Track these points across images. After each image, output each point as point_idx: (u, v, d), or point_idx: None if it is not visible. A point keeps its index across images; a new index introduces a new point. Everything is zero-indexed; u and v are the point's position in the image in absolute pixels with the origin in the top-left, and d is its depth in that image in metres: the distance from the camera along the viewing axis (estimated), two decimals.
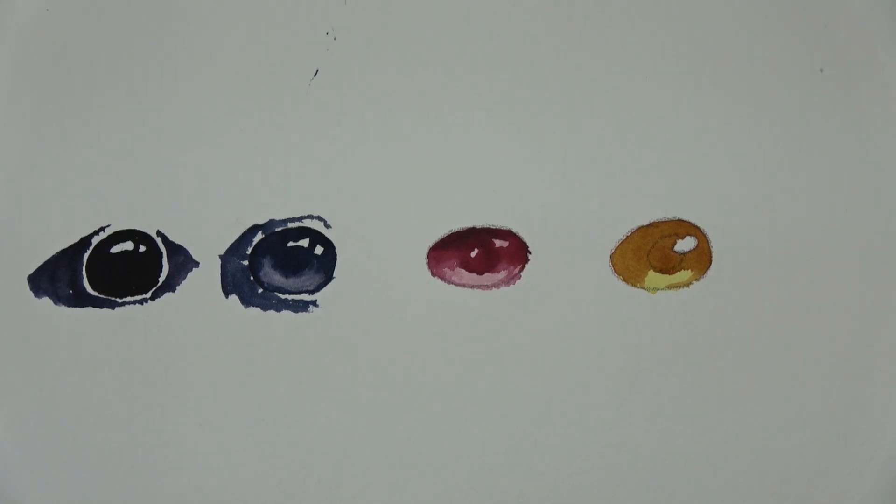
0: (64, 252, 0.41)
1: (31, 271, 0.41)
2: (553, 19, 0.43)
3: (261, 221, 0.42)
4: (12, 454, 0.41)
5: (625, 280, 0.42)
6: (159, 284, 0.41)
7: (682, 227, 0.42)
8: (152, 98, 0.42)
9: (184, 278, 0.41)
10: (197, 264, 0.41)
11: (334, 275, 0.42)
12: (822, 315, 0.42)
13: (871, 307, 0.42)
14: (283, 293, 0.41)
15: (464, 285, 0.42)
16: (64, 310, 0.41)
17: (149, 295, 0.41)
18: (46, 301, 0.41)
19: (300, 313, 0.41)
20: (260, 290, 0.41)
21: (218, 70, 0.42)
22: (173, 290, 0.41)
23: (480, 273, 0.42)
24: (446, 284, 0.42)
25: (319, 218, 0.42)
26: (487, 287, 0.42)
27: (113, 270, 0.41)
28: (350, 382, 0.41)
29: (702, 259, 0.42)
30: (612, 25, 0.43)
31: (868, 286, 0.42)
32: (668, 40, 0.43)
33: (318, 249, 0.42)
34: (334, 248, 0.42)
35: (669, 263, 0.42)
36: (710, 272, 0.42)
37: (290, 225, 0.42)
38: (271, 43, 0.42)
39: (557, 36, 0.43)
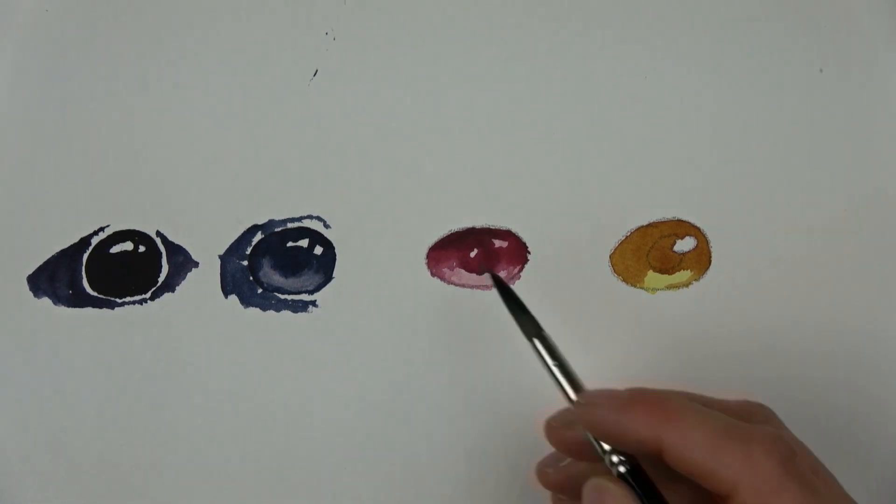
0: (63, 252, 0.41)
1: (30, 271, 0.41)
2: (553, 19, 0.43)
3: (260, 221, 0.42)
4: (12, 454, 0.41)
5: (624, 280, 0.42)
6: (159, 285, 0.41)
7: (682, 228, 0.42)
8: (152, 98, 0.42)
9: (183, 278, 0.41)
10: (196, 264, 0.41)
11: (334, 275, 0.42)
12: (821, 315, 0.42)
13: (870, 307, 0.42)
14: (283, 293, 0.41)
15: (463, 285, 0.42)
16: (63, 310, 0.41)
17: (148, 295, 0.41)
18: (46, 301, 0.41)
19: (300, 313, 0.41)
20: (259, 291, 0.41)
21: (217, 70, 0.42)
22: (173, 291, 0.41)
23: (480, 273, 0.42)
24: (446, 285, 0.42)
25: (319, 218, 0.42)
26: (487, 287, 0.42)
27: (112, 271, 0.41)
28: (350, 383, 0.41)
29: (701, 259, 0.42)
30: (611, 25, 0.43)
31: (868, 286, 0.42)
32: (668, 40, 0.43)
33: (318, 250, 0.42)
34: (334, 248, 0.42)
35: (669, 263, 0.42)
36: (710, 272, 0.42)
37: (290, 225, 0.42)
38: (271, 43, 0.42)
39: (557, 35, 0.43)
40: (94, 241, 0.41)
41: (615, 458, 0.31)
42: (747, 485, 0.28)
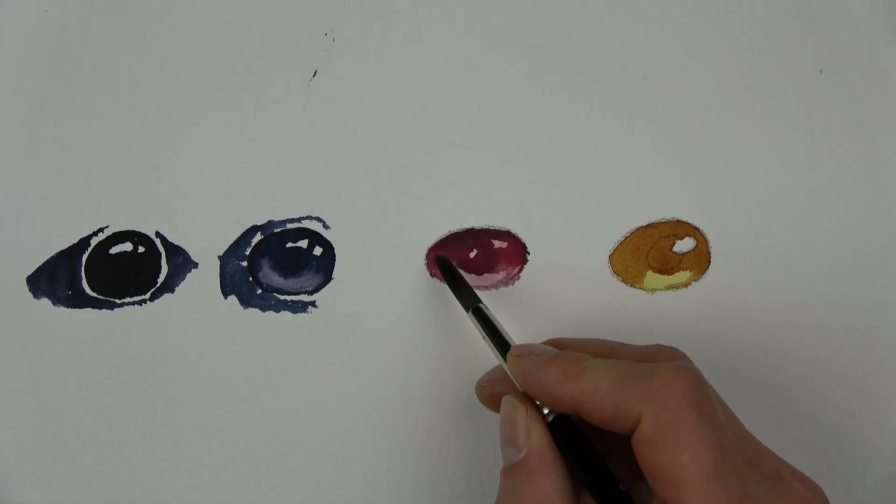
0: (63, 253, 0.41)
1: (30, 272, 0.41)
2: (552, 20, 0.43)
3: (260, 222, 0.42)
4: (12, 454, 0.41)
5: (623, 281, 0.42)
6: (158, 285, 0.41)
7: (681, 228, 0.42)
8: (152, 98, 0.42)
9: (183, 279, 0.41)
10: (196, 265, 0.41)
11: (333, 276, 0.42)
12: (820, 315, 0.42)
13: (870, 307, 0.42)
14: (282, 294, 0.41)
15: None
16: (63, 311, 0.41)
17: (147, 296, 0.41)
18: (45, 302, 0.41)
19: (299, 314, 0.41)
20: (259, 291, 0.41)
21: (217, 71, 0.42)
22: (172, 291, 0.41)
23: (479, 274, 0.42)
24: (445, 285, 0.42)
25: (318, 219, 0.42)
26: (486, 288, 0.42)
27: (112, 271, 0.41)
28: (349, 383, 0.41)
29: (700, 260, 0.42)
30: (610, 26, 0.43)
31: (867, 286, 0.42)
32: (667, 40, 0.43)
33: (317, 250, 0.42)
34: (333, 248, 0.42)
35: (668, 264, 0.42)
36: (709, 273, 0.42)
37: (289, 226, 0.42)
38: (270, 44, 0.42)
39: (556, 36, 0.43)
40: (94, 241, 0.41)
41: (545, 410, 0.33)
42: (649, 415, 0.29)
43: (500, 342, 0.36)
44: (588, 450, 0.31)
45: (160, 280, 0.41)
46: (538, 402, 0.33)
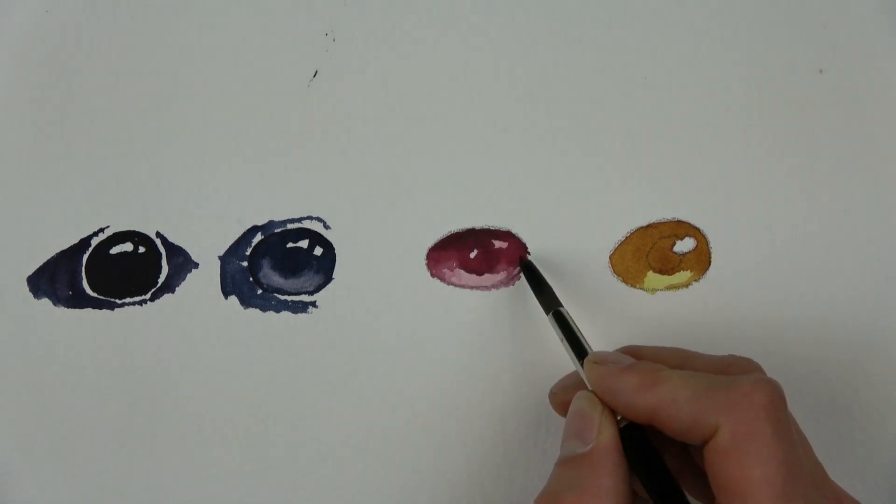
0: (63, 253, 0.41)
1: (30, 272, 0.41)
2: (552, 21, 0.43)
3: (260, 222, 0.42)
4: (12, 454, 0.41)
5: (624, 281, 0.42)
6: (158, 285, 0.41)
7: (682, 228, 0.42)
8: (152, 98, 0.42)
9: (183, 279, 0.41)
10: (196, 265, 0.41)
11: (333, 276, 0.42)
12: (821, 315, 0.42)
13: (870, 308, 0.42)
14: (283, 294, 0.41)
15: (463, 286, 0.42)
16: (63, 311, 0.41)
17: (148, 296, 0.41)
18: (46, 302, 0.41)
19: (299, 314, 0.41)
20: (259, 291, 0.41)
21: (217, 70, 0.42)
22: (172, 292, 0.41)
23: (480, 274, 0.42)
24: (445, 285, 0.42)
25: (319, 219, 0.42)
26: (487, 288, 0.42)
27: (112, 271, 0.41)
28: (349, 384, 0.41)
29: (701, 260, 0.42)
30: (610, 26, 0.43)
31: (868, 287, 0.42)
32: (667, 40, 0.43)
33: (318, 250, 0.42)
34: (333, 249, 0.42)
35: (669, 264, 0.42)
36: (710, 273, 0.42)
37: (290, 226, 0.42)
38: (270, 44, 0.42)
39: (556, 36, 0.43)
40: (94, 241, 0.42)
41: (618, 416, 0.32)
42: (726, 426, 0.29)
43: (578, 348, 0.35)
44: (658, 460, 0.31)
45: (160, 280, 0.41)
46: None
